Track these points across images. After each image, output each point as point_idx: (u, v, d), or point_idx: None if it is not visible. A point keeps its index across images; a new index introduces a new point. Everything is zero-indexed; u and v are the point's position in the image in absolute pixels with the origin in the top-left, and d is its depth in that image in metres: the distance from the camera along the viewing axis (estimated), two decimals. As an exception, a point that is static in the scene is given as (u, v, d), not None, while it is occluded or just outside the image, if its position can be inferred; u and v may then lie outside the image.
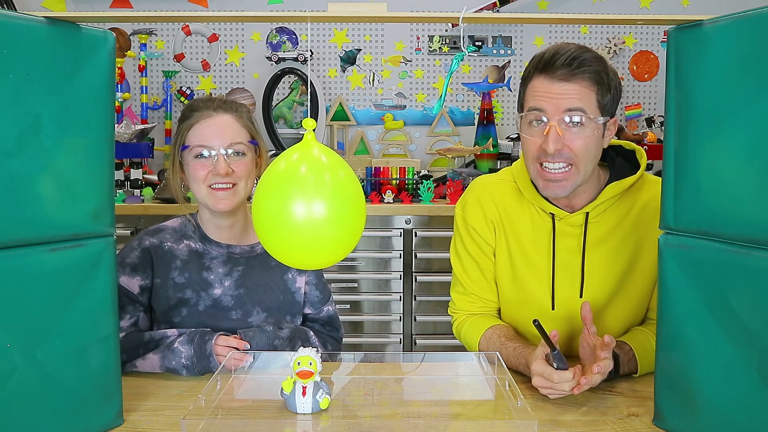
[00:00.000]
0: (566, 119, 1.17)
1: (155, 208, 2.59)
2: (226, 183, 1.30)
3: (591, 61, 1.18)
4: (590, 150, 1.20)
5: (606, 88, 1.19)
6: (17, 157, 0.86)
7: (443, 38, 3.27)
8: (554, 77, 1.17)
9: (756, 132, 0.84)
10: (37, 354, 0.91)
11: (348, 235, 0.90)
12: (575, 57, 1.16)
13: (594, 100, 1.18)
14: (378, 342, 2.73)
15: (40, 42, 0.88)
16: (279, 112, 3.26)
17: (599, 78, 1.18)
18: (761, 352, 0.86)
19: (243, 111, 1.37)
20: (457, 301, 1.44)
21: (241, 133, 1.33)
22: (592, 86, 1.18)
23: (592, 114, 1.18)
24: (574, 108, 1.17)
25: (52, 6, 3.18)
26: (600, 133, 1.21)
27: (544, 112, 1.18)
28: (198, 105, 1.34)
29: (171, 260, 1.35)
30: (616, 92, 1.22)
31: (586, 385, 1.07)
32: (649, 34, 3.30)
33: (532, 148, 1.21)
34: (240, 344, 1.24)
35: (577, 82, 1.17)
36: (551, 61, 1.17)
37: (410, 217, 2.67)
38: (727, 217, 0.89)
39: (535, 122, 1.21)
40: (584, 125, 1.18)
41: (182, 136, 1.33)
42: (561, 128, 1.17)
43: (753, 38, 0.84)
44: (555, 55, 1.18)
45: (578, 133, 1.18)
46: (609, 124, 1.23)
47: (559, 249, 1.30)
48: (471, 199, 1.41)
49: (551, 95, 1.17)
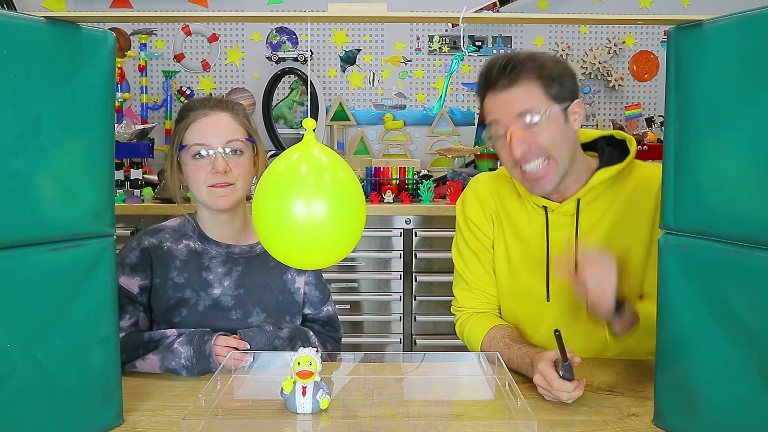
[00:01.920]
0: (525, 120, 1.21)
1: (155, 208, 2.60)
2: (225, 182, 1.30)
3: (523, 61, 1.22)
4: (558, 139, 1.22)
5: (549, 79, 1.22)
6: (17, 157, 0.86)
7: (443, 38, 3.27)
8: (496, 89, 1.23)
9: (756, 132, 0.84)
10: (37, 354, 0.90)
11: (348, 235, 0.90)
12: (506, 63, 1.22)
13: (540, 94, 1.21)
14: (378, 342, 2.73)
15: (40, 42, 0.88)
16: (279, 112, 3.26)
17: (539, 73, 1.21)
18: (761, 352, 0.86)
19: (239, 109, 1.37)
20: (461, 298, 1.45)
21: (238, 130, 1.33)
22: (534, 82, 1.21)
23: (544, 107, 1.21)
24: (524, 110, 1.21)
25: (52, 6, 3.18)
26: (561, 120, 1.23)
27: (499, 123, 1.24)
28: (194, 104, 1.34)
29: (170, 260, 1.35)
30: (565, 78, 1.24)
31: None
32: (649, 34, 3.31)
33: (506, 158, 1.26)
34: (240, 344, 1.24)
35: (518, 84, 1.21)
36: (489, 77, 1.24)
37: (410, 217, 2.67)
38: (727, 217, 0.89)
39: (498, 134, 1.25)
40: (542, 120, 1.21)
41: (179, 136, 1.33)
42: (521, 132, 1.21)
43: (753, 38, 0.84)
44: (489, 69, 1.24)
45: (539, 130, 1.21)
46: (571, 108, 1.25)
47: (553, 240, 1.32)
48: (470, 194, 1.45)
49: (499, 106, 1.23)
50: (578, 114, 1.27)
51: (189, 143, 1.31)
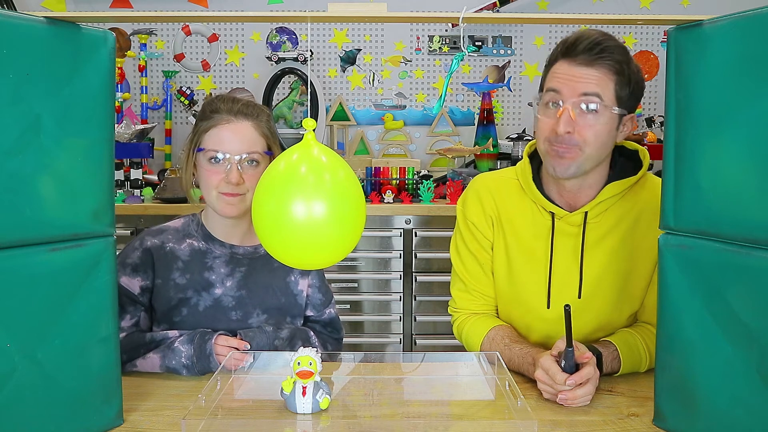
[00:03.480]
0: (582, 105, 1.18)
1: (155, 208, 2.59)
2: (236, 192, 1.29)
3: (613, 50, 1.18)
4: (600, 138, 1.19)
5: (626, 80, 1.19)
6: (17, 157, 0.86)
7: (443, 38, 3.27)
8: (575, 61, 1.18)
9: (756, 132, 0.84)
10: (37, 354, 0.90)
11: (348, 235, 0.90)
12: (598, 43, 1.17)
13: (612, 89, 1.18)
14: (378, 342, 2.73)
15: (40, 42, 0.88)
16: (279, 112, 3.26)
17: (620, 68, 1.18)
18: (761, 352, 0.86)
19: (263, 118, 1.34)
20: (458, 299, 1.43)
21: (258, 142, 1.31)
22: (612, 75, 1.18)
23: (609, 102, 1.18)
24: (591, 93, 1.17)
25: (52, 6, 3.18)
26: (614, 124, 1.21)
27: (560, 94, 1.19)
28: (219, 107, 1.32)
29: (172, 261, 1.35)
30: (637, 87, 1.22)
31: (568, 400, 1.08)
32: (649, 34, 3.30)
33: (545, 128, 1.22)
34: (240, 344, 1.24)
35: (597, 68, 1.17)
36: (574, 46, 1.18)
37: (410, 217, 2.67)
38: (727, 217, 0.89)
39: (551, 104, 1.21)
40: (599, 113, 1.18)
41: (199, 137, 1.32)
42: (574, 112, 1.17)
43: (753, 38, 0.84)
44: (578, 39, 1.18)
45: (591, 120, 1.18)
46: (626, 120, 1.23)
47: (557, 248, 1.30)
48: (471, 194, 1.41)
49: (569, 78, 1.18)
50: (627, 128, 1.25)
51: (207, 147, 1.30)
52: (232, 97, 1.35)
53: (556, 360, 1.11)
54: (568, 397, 1.07)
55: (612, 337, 1.25)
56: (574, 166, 1.21)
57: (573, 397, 1.07)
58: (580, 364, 1.10)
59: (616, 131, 1.22)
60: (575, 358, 1.09)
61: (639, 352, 1.22)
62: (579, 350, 1.11)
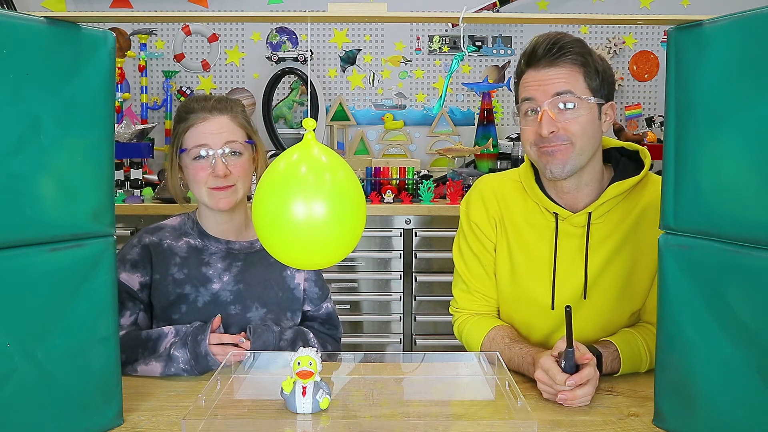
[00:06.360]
0: (559, 105, 1.20)
1: (155, 208, 2.59)
2: (225, 184, 1.31)
3: (571, 45, 1.20)
4: (586, 129, 1.21)
5: (592, 70, 1.21)
6: (17, 157, 0.86)
7: (443, 38, 3.27)
8: (539, 66, 1.21)
9: (756, 132, 0.84)
10: (37, 354, 0.90)
11: (348, 235, 0.90)
12: (555, 42, 1.20)
13: (581, 81, 1.21)
14: (378, 342, 2.73)
15: (40, 42, 0.88)
16: (279, 112, 3.26)
17: (584, 60, 1.21)
18: (761, 352, 0.86)
19: (238, 110, 1.37)
20: (460, 300, 1.43)
21: (237, 132, 1.34)
22: (577, 68, 1.20)
23: (582, 94, 1.20)
24: (563, 91, 1.19)
25: (52, 6, 3.18)
26: (595, 115, 1.22)
27: (534, 100, 1.22)
28: (193, 106, 1.35)
29: (170, 257, 1.35)
30: (606, 75, 1.24)
31: (567, 400, 1.08)
32: (649, 34, 3.30)
33: (530, 134, 1.24)
34: (233, 339, 1.24)
35: (561, 66, 1.20)
36: (534, 53, 1.22)
37: (410, 217, 2.67)
38: (727, 217, 0.89)
39: (529, 112, 1.24)
40: (576, 107, 1.20)
41: (179, 139, 1.34)
42: (553, 112, 1.19)
43: (753, 38, 0.84)
44: (535, 46, 1.22)
45: (572, 116, 1.20)
46: (605, 109, 1.25)
47: (561, 249, 1.30)
48: (474, 195, 1.42)
49: (539, 83, 1.21)
50: (609, 117, 1.26)
51: (189, 147, 1.32)
52: (204, 96, 1.38)
53: (557, 360, 1.11)
54: (567, 397, 1.07)
55: (613, 337, 1.25)
56: (569, 163, 1.22)
57: (573, 398, 1.07)
58: (581, 364, 1.10)
59: (600, 121, 1.24)
60: (575, 359, 1.09)
61: (639, 352, 1.22)
62: (579, 351, 1.11)
